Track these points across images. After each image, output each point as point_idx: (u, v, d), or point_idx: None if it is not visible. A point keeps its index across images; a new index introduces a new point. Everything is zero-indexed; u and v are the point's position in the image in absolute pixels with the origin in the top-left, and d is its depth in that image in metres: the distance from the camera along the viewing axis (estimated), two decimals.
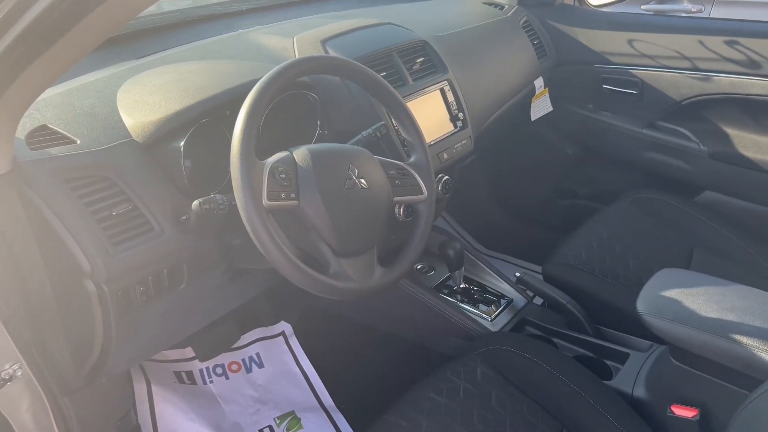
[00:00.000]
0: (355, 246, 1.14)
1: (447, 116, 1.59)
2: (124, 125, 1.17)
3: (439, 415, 1.25)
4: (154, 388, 1.69)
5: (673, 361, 1.24)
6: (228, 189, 1.23)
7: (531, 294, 1.65)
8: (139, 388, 1.66)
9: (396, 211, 1.22)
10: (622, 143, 2.07)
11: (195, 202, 1.07)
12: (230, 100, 1.22)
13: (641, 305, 1.23)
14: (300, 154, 1.12)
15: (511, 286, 1.68)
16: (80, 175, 1.07)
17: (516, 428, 1.25)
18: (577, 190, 2.28)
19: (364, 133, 1.34)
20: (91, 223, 1.05)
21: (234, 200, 1.10)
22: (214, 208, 1.08)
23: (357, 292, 1.12)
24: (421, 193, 1.25)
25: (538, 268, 2.29)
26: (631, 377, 1.37)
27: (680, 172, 1.98)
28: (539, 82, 2.03)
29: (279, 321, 1.97)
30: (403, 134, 1.28)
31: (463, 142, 1.60)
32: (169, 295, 1.19)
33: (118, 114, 1.19)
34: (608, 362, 1.47)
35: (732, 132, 1.89)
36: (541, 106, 2.06)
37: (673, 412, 1.22)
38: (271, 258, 1.03)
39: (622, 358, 1.44)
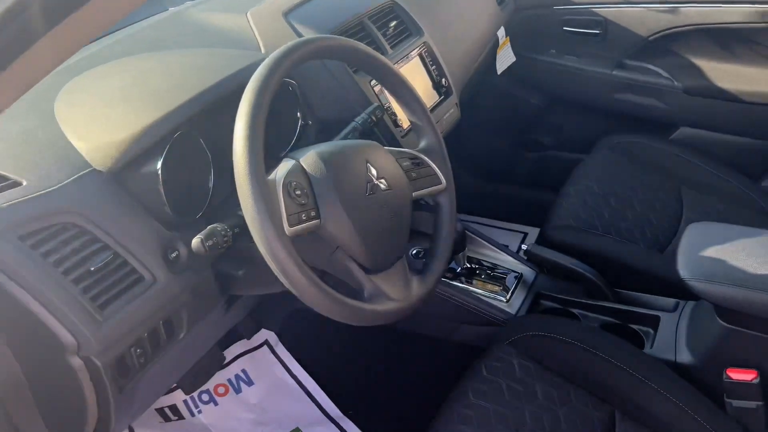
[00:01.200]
0: (385, 259, 0.98)
1: (430, 84, 1.43)
2: (77, 152, 0.94)
3: (489, 424, 1.13)
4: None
5: (721, 322, 1.17)
6: (218, 211, 1.03)
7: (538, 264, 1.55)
8: None
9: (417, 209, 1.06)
10: (591, 87, 1.98)
11: (195, 240, 0.86)
12: (211, 103, 1.00)
13: (685, 271, 1.14)
14: (310, 161, 0.93)
15: (514, 258, 1.57)
16: (38, 227, 0.84)
17: (571, 422, 1.15)
18: (545, 141, 2.19)
19: (358, 119, 1.16)
20: (66, 286, 0.83)
21: (236, 227, 0.91)
22: (218, 243, 0.88)
23: (401, 312, 0.96)
24: (440, 183, 1.10)
25: (515, 226, 2.23)
26: (670, 342, 1.30)
27: (654, 111, 1.92)
28: (501, 32, 1.89)
29: (259, 330, 1.78)
30: (408, 116, 1.10)
31: (450, 111, 1.45)
32: (168, 348, 0.99)
33: (65, 137, 0.95)
34: (636, 327, 1.39)
35: (705, 64, 1.83)
36: (505, 58, 1.93)
37: (730, 377, 1.16)
38: (304, 294, 0.85)
39: (652, 322, 1.37)
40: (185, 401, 1.61)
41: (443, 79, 1.43)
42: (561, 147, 2.16)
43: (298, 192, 0.88)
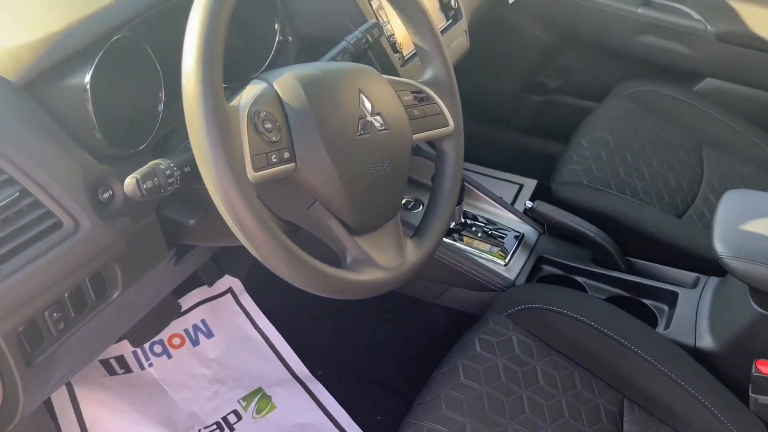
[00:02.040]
0: (376, 218, 0.79)
1: (437, 5, 1.20)
2: None
3: (482, 410, 0.97)
4: (77, 390, 1.30)
5: (756, 306, 1.01)
6: (168, 143, 0.82)
7: (542, 223, 1.37)
8: (59, 396, 1.27)
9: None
10: (610, 26, 1.76)
11: (129, 180, 0.65)
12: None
13: (722, 246, 0.97)
14: (286, 85, 0.71)
15: (515, 215, 1.38)
16: None
17: (575, 410, 1.00)
18: (550, 84, 1.97)
19: (350, 38, 0.93)
20: None
21: (187, 165, 0.70)
22: (160, 185, 0.67)
23: (391, 283, 0.78)
24: (447, 125, 0.89)
25: (510, 176, 2.04)
26: (689, 324, 1.14)
27: (679, 58, 1.71)
28: None
29: (222, 276, 1.59)
30: (414, 38, 0.88)
31: (459, 38, 1.23)
32: (99, 309, 0.79)
33: None
34: (649, 303, 1.23)
35: (744, 8, 1.62)
36: None
37: (760, 371, 1.01)
38: (269, 259, 0.66)
39: (669, 299, 1.21)
40: (134, 352, 1.43)
41: (452, 0, 1.20)
42: (569, 92, 1.95)
43: (267, 125, 0.67)
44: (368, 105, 0.76)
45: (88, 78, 0.71)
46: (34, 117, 0.71)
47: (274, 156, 0.67)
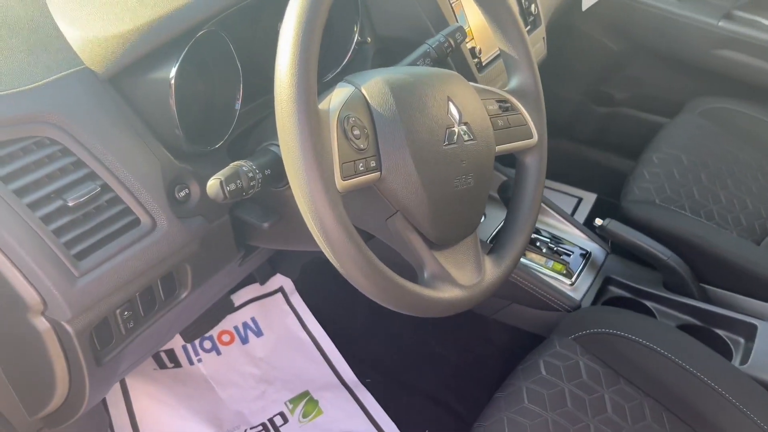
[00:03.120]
0: (457, 231, 0.75)
1: (516, 10, 1.15)
2: (66, 42, 0.70)
3: None
4: (129, 381, 1.30)
5: None
6: (244, 142, 0.79)
7: (608, 242, 1.32)
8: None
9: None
10: (687, 38, 1.68)
11: (212, 182, 0.63)
12: None
13: None
14: (375, 90, 0.68)
15: (582, 232, 1.33)
16: (2, 138, 0.61)
17: None
18: (617, 95, 1.90)
19: (431, 42, 0.90)
20: (32, 224, 0.61)
21: (268, 168, 0.68)
22: (243, 188, 0.65)
23: (469, 302, 0.74)
24: (531, 137, 0.85)
25: (569, 189, 1.97)
26: None
27: (759, 75, 1.63)
28: None
29: (275, 275, 1.57)
30: (501, 44, 0.84)
31: (537, 45, 1.18)
32: (167, 308, 0.77)
33: (51, 21, 0.71)
34: (723, 334, 1.17)
35: None
36: None
37: None
38: (352, 273, 0.63)
39: (746, 331, 1.14)
40: (184, 347, 1.42)
41: (533, 6, 1.16)
42: (636, 105, 1.88)
43: (356, 131, 0.64)
44: (456, 114, 0.73)
45: (173, 73, 0.69)
46: (117, 111, 0.69)
47: (361, 164, 0.64)
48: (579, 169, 1.96)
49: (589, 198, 1.94)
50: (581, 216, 1.87)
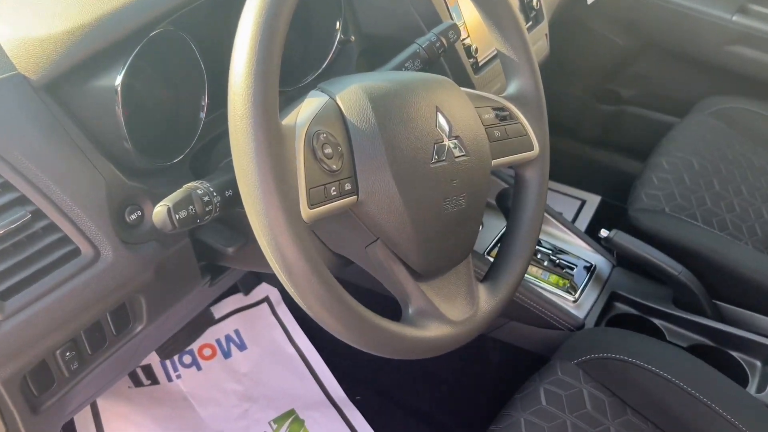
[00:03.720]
0: (446, 260, 0.66)
1: (517, 5, 1.06)
2: None
3: None
4: (100, 402, 1.22)
5: None
6: (209, 155, 0.71)
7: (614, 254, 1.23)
8: None
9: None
10: (699, 33, 1.59)
11: (159, 208, 0.54)
12: None
13: None
14: (351, 100, 0.59)
15: (585, 242, 1.24)
16: None
17: None
18: (623, 93, 1.80)
19: (421, 41, 0.80)
20: None
21: (229, 188, 0.59)
22: (198, 213, 0.56)
23: (459, 340, 0.66)
24: (531, 148, 0.76)
25: (572, 191, 1.88)
26: None
27: None
28: None
29: (260, 284, 1.49)
30: (498, 44, 0.75)
31: (539, 43, 1.09)
32: (119, 344, 0.69)
33: None
34: (738, 356, 1.08)
35: None
36: None
37: None
38: (319, 314, 0.55)
39: (764, 354, 1.06)
40: (162, 362, 1.34)
41: (535, 0, 1.06)
42: (643, 103, 1.78)
43: (327, 150, 0.55)
44: (446, 126, 0.64)
45: (119, 80, 0.60)
46: (54, 123, 0.60)
47: (333, 188, 0.55)
48: (582, 170, 1.87)
49: (593, 200, 1.85)
50: (585, 219, 1.79)
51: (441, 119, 0.64)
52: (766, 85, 1.56)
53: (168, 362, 1.34)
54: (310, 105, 0.58)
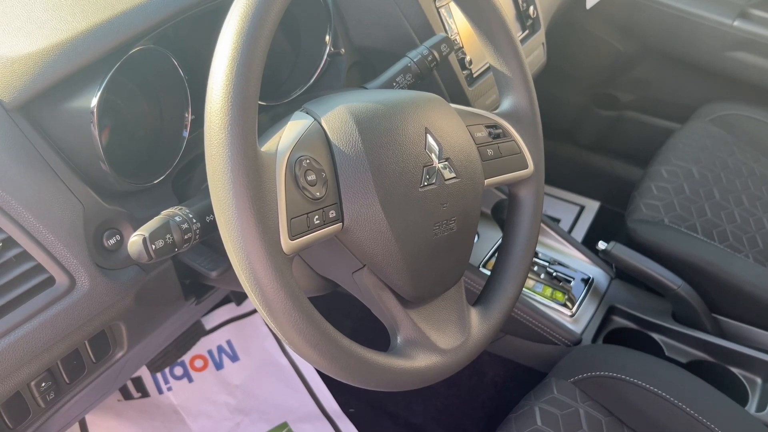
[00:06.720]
0: (435, 286, 0.64)
1: (513, 13, 1.03)
2: None
3: None
4: (88, 417, 1.19)
5: None
6: (192, 176, 0.68)
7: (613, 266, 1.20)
8: None
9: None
10: (699, 39, 1.56)
11: (134, 238, 0.52)
12: (197, 5, 0.64)
13: None
14: (336, 123, 0.57)
15: (583, 254, 1.22)
16: None
17: None
18: (622, 98, 1.78)
19: (413, 54, 0.78)
20: None
21: (211, 213, 0.57)
22: (176, 242, 0.54)
23: (450, 369, 0.64)
24: (525, 167, 0.74)
25: (570, 196, 1.86)
26: None
27: None
28: None
29: None
30: (492, 59, 0.73)
31: (535, 52, 1.06)
32: (99, 371, 0.66)
33: None
34: (739, 372, 1.06)
35: None
36: None
37: None
38: (300, 347, 0.53)
39: (765, 370, 1.04)
40: (153, 374, 1.32)
41: (531, 8, 1.04)
42: (642, 108, 1.76)
43: (311, 176, 0.53)
44: (435, 147, 0.62)
45: (95, 102, 0.57)
46: (27, 146, 0.58)
47: (316, 217, 0.53)
48: (581, 176, 1.85)
49: (592, 206, 1.83)
50: (583, 225, 1.76)
51: (431, 140, 0.61)
52: (760, 89, 1.54)
53: (159, 374, 1.32)
54: (294, 129, 0.56)
